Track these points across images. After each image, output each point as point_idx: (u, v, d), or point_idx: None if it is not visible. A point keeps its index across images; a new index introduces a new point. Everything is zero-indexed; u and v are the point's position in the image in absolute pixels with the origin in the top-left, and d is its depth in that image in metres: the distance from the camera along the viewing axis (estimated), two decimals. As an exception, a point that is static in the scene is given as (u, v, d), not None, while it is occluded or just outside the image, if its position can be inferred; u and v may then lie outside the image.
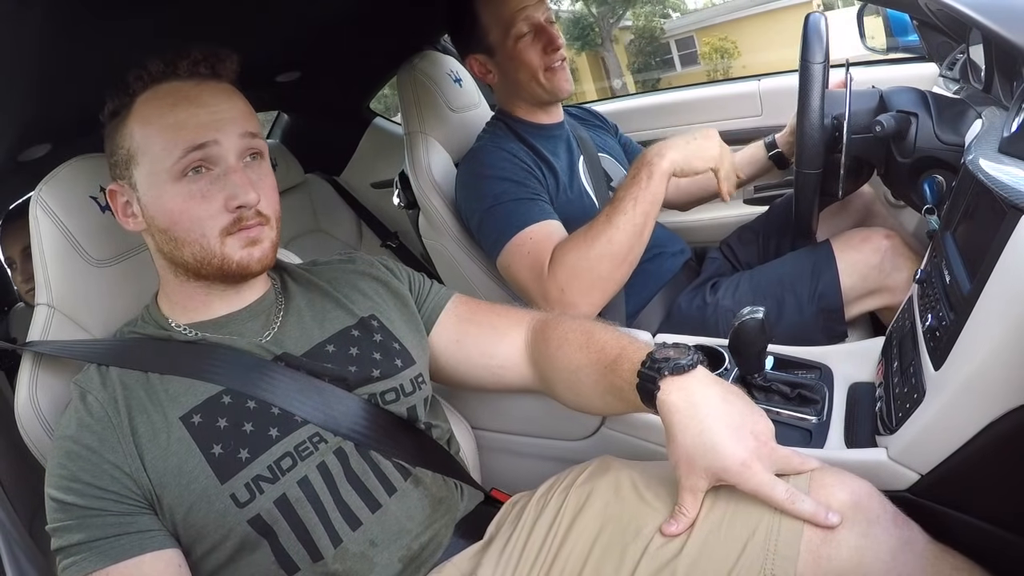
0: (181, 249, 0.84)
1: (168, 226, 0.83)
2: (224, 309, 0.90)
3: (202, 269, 0.84)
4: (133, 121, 0.83)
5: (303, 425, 0.83)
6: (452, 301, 1.05)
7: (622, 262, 1.19)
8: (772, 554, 0.70)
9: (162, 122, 0.81)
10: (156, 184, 0.82)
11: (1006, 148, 0.75)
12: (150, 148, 0.82)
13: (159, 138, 0.81)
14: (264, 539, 0.79)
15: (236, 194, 0.82)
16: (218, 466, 0.78)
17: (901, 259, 1.25)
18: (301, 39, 1.64)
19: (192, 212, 0.82)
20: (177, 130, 0.81)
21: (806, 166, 1.18)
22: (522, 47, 1.40)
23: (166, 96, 0.83)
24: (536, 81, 1.41)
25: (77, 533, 0.74)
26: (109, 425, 0.78)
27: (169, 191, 0.82)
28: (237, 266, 0.84)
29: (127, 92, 0.83)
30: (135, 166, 0.83)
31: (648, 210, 1.17)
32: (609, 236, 1.17)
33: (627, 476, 0.85)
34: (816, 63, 1.13)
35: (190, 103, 0.82)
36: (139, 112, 0.83)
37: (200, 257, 0.83)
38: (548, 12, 1.42)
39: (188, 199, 0.82)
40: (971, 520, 0.77)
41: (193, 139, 0.81)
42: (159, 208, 0.83)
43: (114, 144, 0.85)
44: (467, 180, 1.41)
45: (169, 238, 0.84)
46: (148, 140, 0.82)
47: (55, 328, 0.94)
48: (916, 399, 0.80)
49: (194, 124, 0.81)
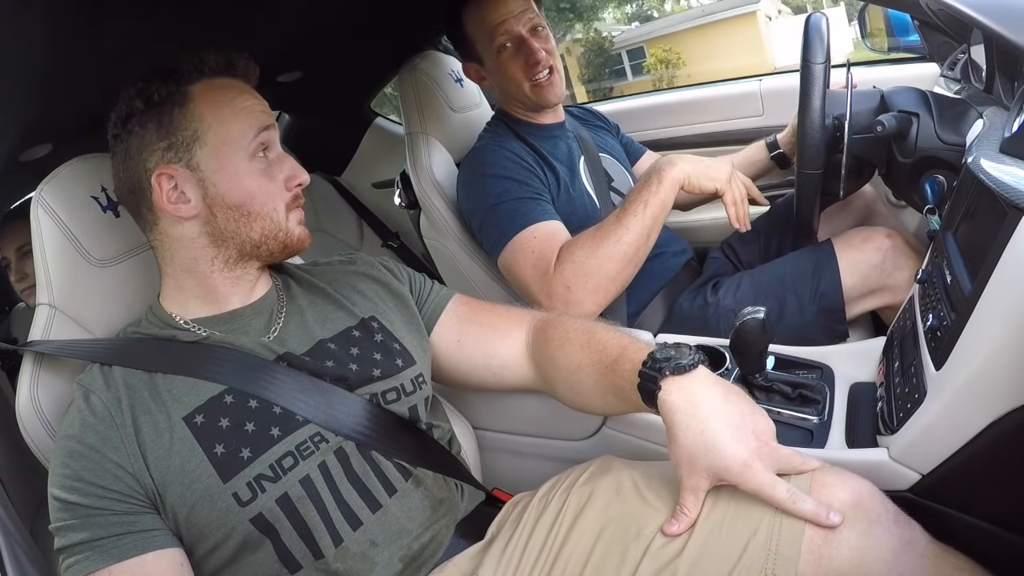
0: (251, 224, 0.88)
1: (243, 201, 0.87)
2: (237, 303, 0.91)
3: (264, 244, 0.90)
4: (200, 104, 0.86)
5: (304, 424, 0.83)
6: (453, 301, 1.05)
7: (628, 262, 1.20)
8: (773, 554, 0.70)
9: (234, 106, 0.88)
10: (231, 161, 0.87)
11: (1007, 148, 0.75)
12: (224, 128, 0.87)
13: (235, 120, 0.88)
14: (266, 538, 0.79)
15: (296, 174, 0.92)
16: (220, 465, 0.78)
17: (902, 258, 1.25)
18: (302, 39, 1.64)
19: (267, 188, 0.89)
20: (248, 114, 0.89)
21: (807, 166, 1.18)
22: (504, 60, 1.40)
23: (227, 87, 0.90)
24: (522, 92, 1.42)
25: (80, 532, 0.74)
26: (112, 425, 0.78)
27: (245, 168, 0.87)
28: (298, 240, 0.93)
29: (179, 80, 0.87)
30: (200, 146, 0.86)
31: (657, 214, 1.20)
32: (619, 236, 1.18)
33: (628, 476, 0.86)
34: (817, 63, 1.13)
35: (249, 94, 0.91)
36: (205, 97, 0.87)
37: (268, 231, 0.90)
38: (533, 21, 1.39)
39: (261, 176, 0.89)
40: (972, 520, 0.77)
41: (263, 121, 0.90)
42: (235, 183, 0.87)
43: (169, 127, 0.86)
44: (469, 179, 1.41)
45: (241, 214, 0.88)
46: (222, 122, 0.87)
47: (56, 328, 0.94)
48: (917, 399, 0.80)
49: (259, 110, 0.90)
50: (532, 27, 1.39)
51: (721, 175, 1.23)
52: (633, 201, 1.20)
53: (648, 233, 1.20)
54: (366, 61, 2.01)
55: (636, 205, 1.20)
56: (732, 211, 1.24)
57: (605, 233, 1.19)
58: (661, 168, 1.22)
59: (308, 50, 1.76)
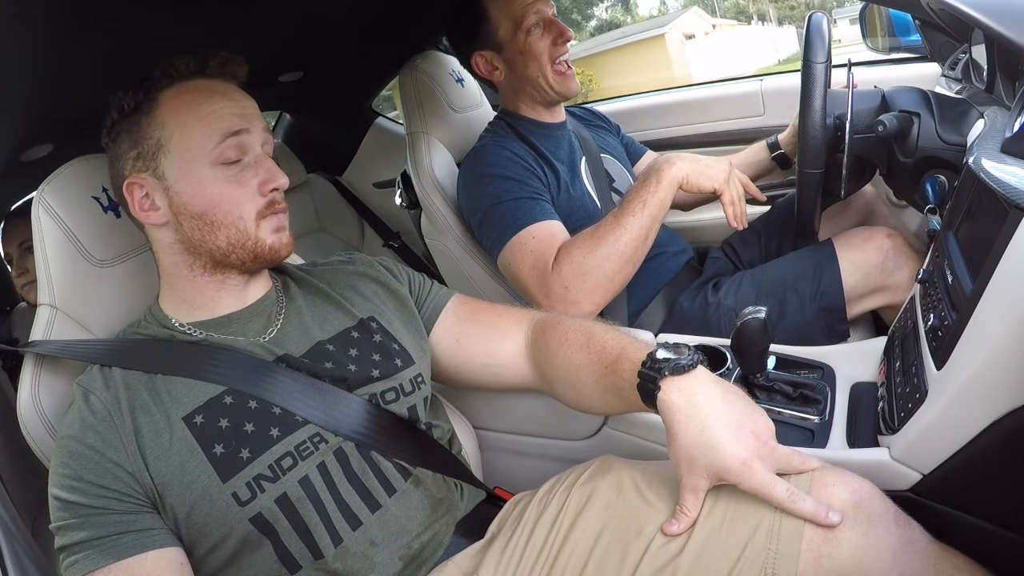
0: (216, 233, 0.86)
1: (205, 210, 0.85)
2: (231, 307, 0.91)
3: (233, 253, 0.87)
4: (164, 112, 0.85)
5: (304, 425, 0.84)
6: (452, 301, 1.05)
7: (627, 262, 1.20)
8: (773, 553, 0.70)
9: (198, 112, 0.85)
10: (193, 170, 0.85)
11: (1008, 148, 0.75)
12: (187, 136, 0.85)
13: (197, 126, 0.85)
14: (266, 537, 0.79)
15: (271, 178, 0.88)
16: (220, 465, 0.78)
17: (903, 258, 1.25)
18: (303, 39, 1.65)
19: (231, 195, 0.86)
20: (214, 119, 0.85)
21: (808, 165, 1.18)
22: (532, 40, 1.41)
23: (197, 90, 0.87)
24: (544, 77, 1.43)
25: (80, 531, 0.74)
26: (112, 425, 0.79)
27: (208, 175, 0.85)
28: (270, 249, 0.89)
29: (149, 88, 0.86)
30: (164, 155, 0.85)
31: (655, 213, 1.20)
32: (617, 236, 1.18)
33: (629, 476, 0.86)
34: (818, 63, 1.13)
35: (222, 96, 0.88)
36: (170, 103, 0.86)
37: (235, 240, 0.87)
38: (553, 7, 1.45)
39: (227, 183, 0.86)
40: (973, 520, 0.77)
41: (230, 126, 0.86)
42: (196, 193, 0.85)
43: (137, 136, 0.86)
44: (469, 179, 1.41)
45: (205, 223, 0.86)
46: (185, 128, 0.85)
47: (57, 328, 0.94)
48: (918, 399, 0.79)
49: (229, 114, 0.87)
50: (553, 13, 1.45)
51: (719, 174, 1.23)
52: (631, 201, 1.20)
53: (647, 233, 1.20)
54: (367, 61, 2.02)
55: (634, 204, 1.20)
56: (730, 210, 1.24)
57: (603, 233, 1.19)
58: (659, 167, 1.22)
59: (309, 50, 1.76)
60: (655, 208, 1.20)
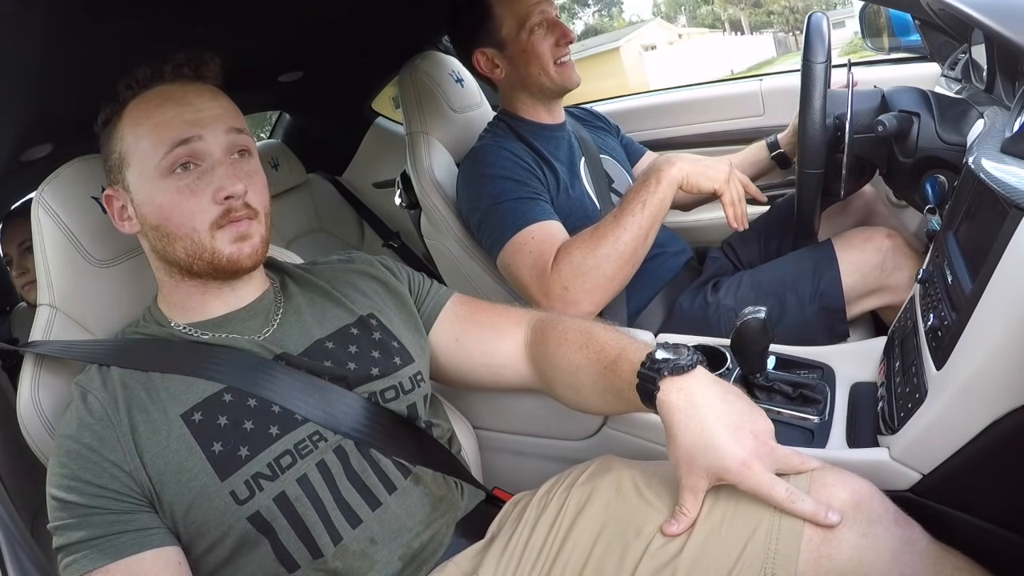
0: (173, 244, 0.85)
1: (160, 222, 0.85)
2: (222, 309, 0.91)
3: (194, 265, 0.86)
4: (123, 125, 0.86)
5: (303, 423, 0.84)
6: (451, 300, 1.05)
7: (626, 263, 1.20)
8: (773, 553, 0.70)
9: (149, 122, 0.84)
10: (147, 182, 0.85)
11: (1008, 148, 0.75)
12: (139, 148, 0.84)
13: (147, 137, 0.84)
14: (264, 536, 0.79)
15: (223, 185, 0.84)
16: (218, 463, 0.78)
17: (903, 258, 1.25)
18: (303, 39, 1.65)
19: (182, 206, 0.84)
20: (163, 128, 0.84)
21: (808, 166, 1.18)
22: (536, 39, 1.42)
23: (153, 99, 0.86)
24: (546, 73, 1.43)
25: (78, 531, 0.74)
26: (109, 424, 0.79)
27: (159, 187, 0.84)
28: (227, 261, 0.86)
29: (118, 100, 0.86)
30: (126, 168, 0.86)
31: (655, 214, 1.20)
32: (616, 236, 1.18)
33: (628, 476, 0.85)
34: (818, 63, 1.13)
35: (175, 103, 0.85)
36: (129, 116, 0.86)
37: (191, 251, 0.85)
38: (556, 8, 1.46)
39: (177, 194, 0.84)
40: (973, 520, 0.77)
41: (178, 135, 0.84)
42: (151, 205, 0.85)
43: (108, 149, 0.88)
44: (468, 179, 1.42)
45: (161, 234, 0.85)
46: (137, 141, 0.85)
47: (57, 328, 0.94)
48: (918, 399, 0.79)
49: (179, 122, 0.84)
50: (556, 12, 1.46)
51: (719, 175, 1.23)
52: (631, 201, 1.20)
53: (646, 233, 1.20)
54: (367, 61, 2.02)
55: (634, 205, 1.20)
56: (730, 211, 1.24)
57: (603, 233, 1.19)
58: (659, 167, 1.22)
59: (309, 50, 1.76)
60: (655, 208, 1.19)
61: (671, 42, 28.14)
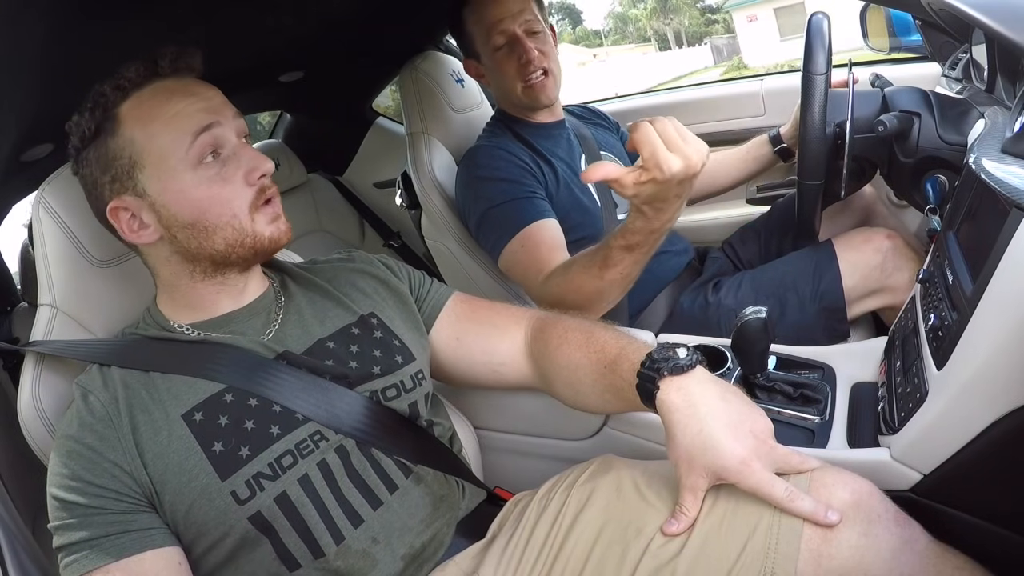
0: (212, 237, 0.84)
1: (197, 216, 0.83)
2: (229, 306, 0.91)
3: (233, 253, 0.85)
4: (128, 127, 0.82)
5: (304, 423, 0.83)
6: (452, 299, 1.05)
7: (610, 300, 1.14)
8: (773, 553, 0.70)
9: (163, 116, 0.82)
10: (174, 178, 0.82)
11: (1009, 148, 0.75)
12: (157, 144, 0.82)
13: (165, 131, 0.82)
14: (265, 536, 0.79)
15: (255, 166, 0.85)
16: (219, 463, 0.78)
17: (903, 259, 1.25)
18: (304, 39, 1.65)
19: (219, 195, 0.83)
20: (181, 119, 0.82)
21: (808, 177, 1.18)
22: (499, 59, 1.41)
23: (155, 95, 0.83)
24: (516, 92, 1.42)
25: (79, 531, 0.74)
26: (110, 424, 0.79)
27: (190, 180, 0.83)
28: (269, 241, 0.87)
29: (106, 106, 0.83)
30: (140, 170, 0.83)
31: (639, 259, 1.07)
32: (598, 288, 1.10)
33: (628, 475, 0.86)
34: (818, 74, 1.13)
35: (182, 94, 0.83)
36: (132, 116, 0.82)
37: (233, 239, 0.85)
38: (529, 22, 1.40)
39: (211, 184, 0.83)
40: (973, 520, 0.77)
41: (199, 123, 0.82)
42: (183, 201, 0.83)
43: (107, 159, 0.83)
44: (464, 181, 1.42)
45: (199, 229, 0.84)
46: (153, 138, 0.82)
47: (58, 328, 0.94)
48: (919, 399, 0.79)
49: (194, 110, 0.83)
50: (528, 28, 1.40)
51: None
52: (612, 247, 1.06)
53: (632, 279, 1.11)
54: (368, 61, 2.02)
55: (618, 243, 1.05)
56: None
57: (585, 280, 1.11)
58: None
59: (309, 50, 1.76)
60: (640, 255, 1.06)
61: (581, 63, 29.61)
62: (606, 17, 52.05)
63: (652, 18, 40.86)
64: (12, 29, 0.86)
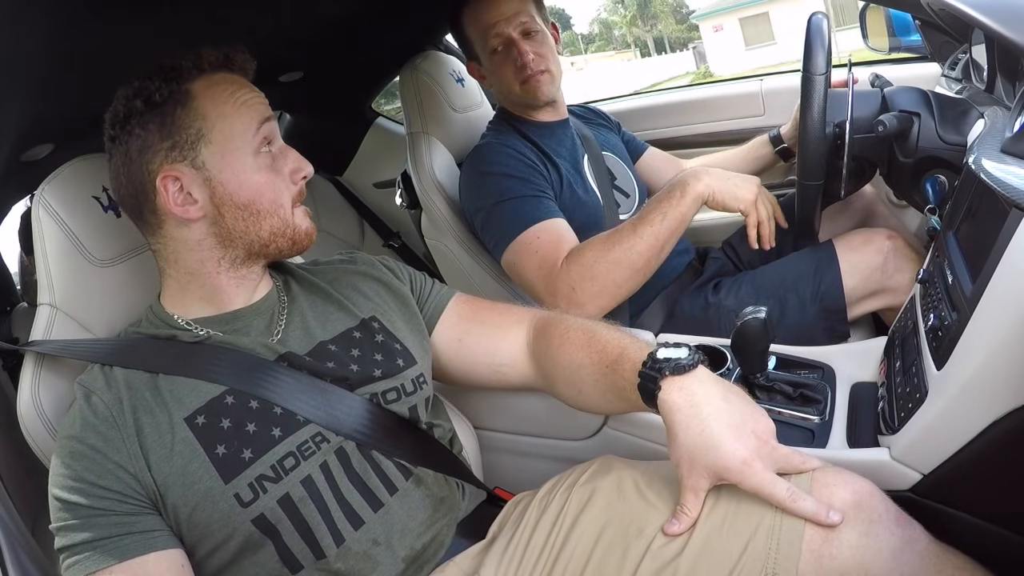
0: (260, 223, 0.87)
1: (252, 199, 0.86)
2: (242, 302, 0.91)
3: (273, 243, 0.89)
4: (200, 102, 0.85)
5: (305, 425, 0.83)
6: (454, 300, 1.05)
7: (637, 271, 1.19)
8: (774, 553, 0.70)
9: (234, 101, 0.86)
10: (237, 159, 0.86)
11: (1009, 148, 0.75)
12: (227, 125, 0.85)
13: (236, 115, 0.86)
14: (268, 538, 0.79)
15: (301, 167, 0.91)
16: (222, 466, 0.78)
17: (903, 260, 1.25)
18: (304, 39, 1.65)
19: (274, 183, 0.88)
20: (249, 108, 0.87)
21: (808, 177, 1.18)
22: (496, 62, 1.42)
23: (225, 82, 0.88)
24: (514, 92, 1.43)
25: (81, 532, 0.74)
26: (114, 425, 0.78)
27: (251, 164, 0.86)
28: (306, 235, 0.93)
29: (178, 79, 0.85)
30: (205, 145, 0.85)
31: (674, 227, 1.19)
32: (631, 244, 1.17)
33: (629, 476, 0.86)
34: (818, 74, 1.13)
35: (247, 88, 0.89)
36: (206, 94, 0.86)
37: (277, 228, 0.89)
38: (525, 25, 1.40)
39: (267, 171, 0.88)
40: (973, 520, 0.77)
41: (263, 113, 0.88)
42: (242, 182, 0.86)
43: (172, 127, 0.84)
44: (471, 178, 1.42)
45: (251, 212, 0.87)
46: (225, 117, 0.85)
47: (58, 328, 0.94)
48: (918, 399, 0.79)
49: (256, 103, 0.89)
50: (524, 30, 1.40)
51: (747, 195, 1.20)
52: (652, 211, 1.19)
53: (662, 245, 1.19)
54: (368, 61, 2.02)
55: (654, 215, 1.18)
56: (753, 232, 1.22)
57: (618, 239, 1.18)
58: (686, 181, 1.20)
59: (309, 50, 1.76)
60: (674, 222, 1.18)
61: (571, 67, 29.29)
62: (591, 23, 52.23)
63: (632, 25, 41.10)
64: (14, 28, 0.86)
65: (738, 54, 23.51)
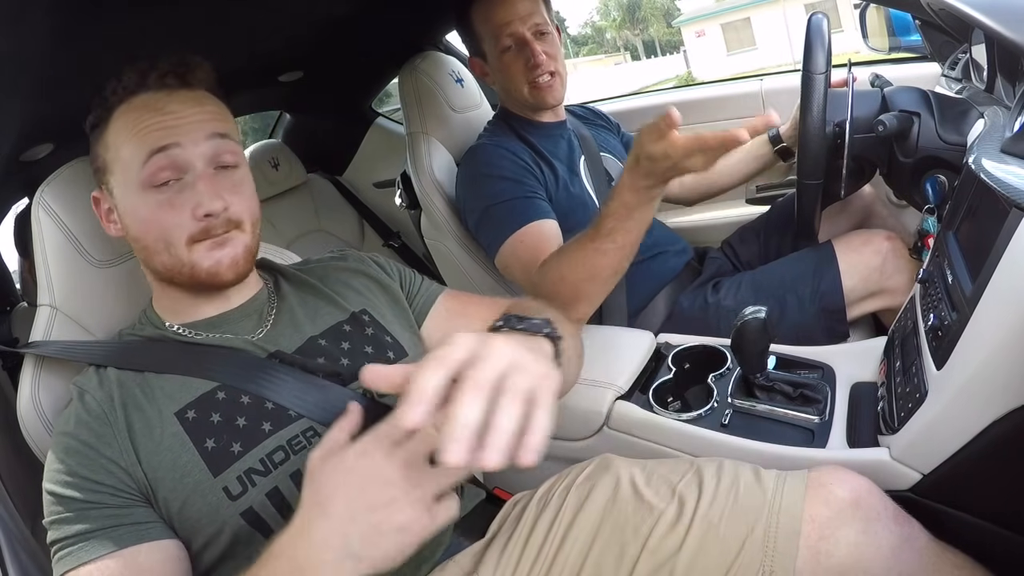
0: (152, 258, 0.86)
1: (139, 235, 0.85)
2: (214, 311, 0.91)
3: (174, 278, 0.86)
4: (109, 131, 0.85)
5: (297, 419, 0.83)
6: (442, 296, 1.05)
7: (605, 281, 1.10)
8: (771, 550, 0.70)
9: (129, 131, 0.83)
10: (128, 193, 0.84)
11: (1008, 148, 0.75)
12: (120, 156, 0.84)
13: (127, 146, 0.83)
14: (257, 532, 0.79)
15: (201, 202, 0.82)
16: (211, 459, 0.78)
17: (902, 261, 1.25)
18: (304, 39, 1.65)
19: (160, 221, 0.83)
20: (142, 136, 0.83)
21: (808, 176, 1.18)
22: (507, 60, 1.41)
23: (137, 108, 0.84)
24: (522, 92, 1.43)
25: (74, 525, 0.74)
26: (106, 422, 0.79)
27: (139, 200, 0.84)
28: (207, 274, 0.85)
29: (105, 105, 0.85)
30: (110, 175, 0.86)
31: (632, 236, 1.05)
32: (593, 261, 1.08)
33: (627, 474, 0.86)
34: (818, 74, 1.13)
35: (156, 111, 0.83)
36: (115, 122, 0.85)
37: (170, 266, 0.85)
38: (538, 25, 1.40)
39: (157, 208, 0.83)
40: (973, 519, 0.77)
41: (155, 143, 0.82)
42: (132, 217, 0.85)
43: (94, 153, 0.88)
44: (465, 179, 1.42)
45: (141, 247, 0.86)
46: (119, 149, 0.84)
47: (57, 329, 0.94)
48: (918, 399, 0.79)
49: (156, 129, 0.83)
50: (537, 30, 1.40)
51: None
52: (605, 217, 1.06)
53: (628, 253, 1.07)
54: (367, 61, 2.02)
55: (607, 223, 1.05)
56: None
57: (580, 257, 1.09)
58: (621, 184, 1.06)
59: (309, 50, 1.76)
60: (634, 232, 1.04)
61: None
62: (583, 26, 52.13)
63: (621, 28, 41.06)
64: (16, 28, 0.86)
65: (720, 59, 23.64)
